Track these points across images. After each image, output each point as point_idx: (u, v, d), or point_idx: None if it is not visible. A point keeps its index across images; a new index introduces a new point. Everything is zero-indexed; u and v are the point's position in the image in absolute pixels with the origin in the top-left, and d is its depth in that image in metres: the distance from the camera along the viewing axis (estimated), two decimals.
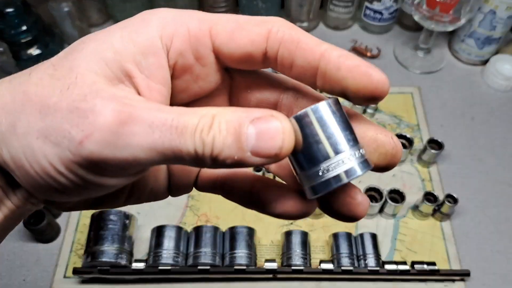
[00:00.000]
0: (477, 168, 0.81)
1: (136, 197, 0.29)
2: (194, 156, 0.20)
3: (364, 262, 0.66)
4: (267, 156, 0.20)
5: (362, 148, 0.23)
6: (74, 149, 0.20)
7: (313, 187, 0.23)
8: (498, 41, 0.91)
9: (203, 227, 0.66)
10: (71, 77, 0.21)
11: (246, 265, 0.64)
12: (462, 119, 0.87)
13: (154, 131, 0.20)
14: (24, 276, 0.68)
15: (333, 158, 0.22)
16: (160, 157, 0.20)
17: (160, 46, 0.23)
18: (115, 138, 0.19)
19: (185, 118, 0.20)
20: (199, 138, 0.20)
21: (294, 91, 0.26)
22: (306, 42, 0.23)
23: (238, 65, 0.25)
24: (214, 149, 0.20)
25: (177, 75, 0.24)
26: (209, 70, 0.25)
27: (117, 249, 0.63)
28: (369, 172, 0.23)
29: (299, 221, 0.73)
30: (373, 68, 0.22)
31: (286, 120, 0.21)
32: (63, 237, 0.71)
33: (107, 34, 0.22)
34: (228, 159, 0.20)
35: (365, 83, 0.22)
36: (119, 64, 0.22)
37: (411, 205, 0.75)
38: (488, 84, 0.92)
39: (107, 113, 0.20)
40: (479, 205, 0.76)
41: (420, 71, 0.94)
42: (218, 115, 0.20)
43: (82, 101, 0.20)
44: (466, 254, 0.71)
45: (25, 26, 0.83)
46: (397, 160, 0.24)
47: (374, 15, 0.96)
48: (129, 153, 0.20)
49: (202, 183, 0.30)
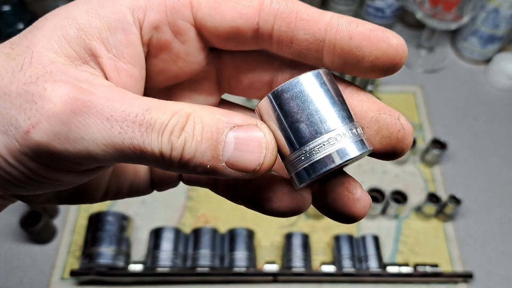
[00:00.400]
0: (481, 169, 0.79)
1: (114, 193, 0.26)
2: (159, 158, 0.18)
3: (366, 264, 0.65)
4: (243, 170, 0.18)
5: (359, 127, 0.20)
6: (21, 139, 0.17)
7: (299, 174, 0.19)
8: (501, 39, 0.89)
9: (202, 229, 0.65)
10: (27, 56, 0.18)
11: (246, 267, 0.63)
12: (465, 118, 0.86)
13: (113, 126, 0.17)
14: (20, 278, 0.67)
15: (319, 138, 0.19)
16: (118, 155, 0.18)
17: (131, 20, 0.20)
18: (66, 129, 0.17)
19: (153, 114, 0.18)
20: (167, 140, 0.17)
21: (290, 67, 0.23)
22: (306, 12, 0.20)
23: (224, 44, 0.22)
24: (184, 154, 0.18)
25: (153, 53, 0.21)
26: (190, 48, 0.22)
27: (115, 250, 0.62)
28: (370, 171, 0.21)
29: (300, 223, 0.72)
30: (389, 31, 0.20)
31: (270, 133, 0.19)
32: (60, 238, 0.70)
33: (71, 9, 0.20)
34: (199, 167, 0.18)
35: (385, 49, 0.19)
36: (83, 41, 0.19)
37: (414, 206, 0.74)
38: (491, 83, 0.91)
39: (57, 100, 0.17)
40: (483, 206, 0.75)
41: (422, 69, 0.93)
42: (194, 115, 0.18)
43: (33, 83, 0.18)
44: (469, 256, 0.70)
45: (22, 24, 0.83)
46: (405, 146, 0.20)
47: (376, 13, 0.95)
48: (82, 147, 0.17)
49: (187, 177, 0.27)
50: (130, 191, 0.26)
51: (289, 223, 0.72)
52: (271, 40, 0.21)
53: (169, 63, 0.22)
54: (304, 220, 0.73)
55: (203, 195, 0.74)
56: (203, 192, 0.75)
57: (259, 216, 0.72)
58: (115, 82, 0.20)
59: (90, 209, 0.72)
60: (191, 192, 0.75)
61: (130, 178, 0.26)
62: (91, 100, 0.18)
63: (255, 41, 0.21)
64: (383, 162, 0.78)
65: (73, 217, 0.72)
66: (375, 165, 0.78)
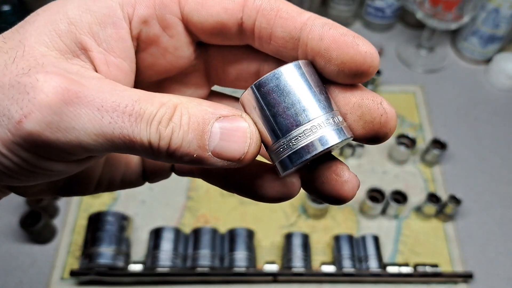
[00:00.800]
0: (481, 169, 0.79)
1: (107, 184, 0.27)
2: (147, 148, 0.19)
3: (366, 264, 0.65)
4: (229, 159, 0.19)
5: (340, 116, 0.21)
6: (13, 129, 0.18)
7: (282, 162, 0.20)
8: (501, 39, 0.89)
9: (201, 229, 0.65)
10: (19, 50, 0.19)
11: (246, 267, 0.63)
12: (465, 118, 0.86)
13: (103, 116, 0.18)
14: (20, 277, 0.67)
15: (300, 127, 0.20)
16: (109, 145, 0.19)
17: (120, 15, 0.21)
18: (58, 119, 0.18)
19: (142, 105, 0.18)
20: (155, 129, 0.18)
21: (275, 59, 0.24)
22: (286, 11, 0.21)
23: (210, 38, 0.23)
24: (171, 143, 0.18)
25: (143, 47, 0.22)
26: (178, 43, 0.23)
27: (115, 250, 0.62)
28: (370, 171, 0.21)
29: (300, 223, 0.72)
30: (361, 38, 0.20)
31: (253, 124, 0.20)
32: (60, 238, 0.70)
33: (62, 4, 0.21)
34: (186, 156, 0.19)
35: (351, 55, 0.20)
36: (74, 36, 0.20)
37: (414, 206, 0.74)
38: (492, 83, 0.91)
39: (49, 90, 0.18)
40: (483, 206, 0.75)
41: (422, 69, 0.93)
42: (180, 106, 0.19)
43: (25, 75, 0.18)
44: (469, 256, 0.70)
45: None
46: (388, 130, 0.21)
47: (376, 13, 0.95)
48: (73, 137, 0.18)
49: (179, 168, 0.27)
50: (122, 182, 0.27)
51: (289, 223, 0.72)
52: (253, 36, 0.22)
53: (158, 57, 0.23)
54: (304, 220, 0.72)
55: (203, 195, 0.74)
56: (203, 192, 0.75)
57: (259, 216, 0.72)
58: (105, 75, 0.21)
59: (90, 209, 0.72)
60: (191, 192, 0.75)
61: (122, 169, 0.27)
62: (82, 91, 0.18)
63: (239, 37, 0.22)
64: (383, 162, 0.78)
65: (73, 217, 0.72)
66: (375, 165, 0.78)
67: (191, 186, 0.75)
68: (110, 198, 0.74)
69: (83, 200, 0.74)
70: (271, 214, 0.73)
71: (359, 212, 0.73)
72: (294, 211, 0.73)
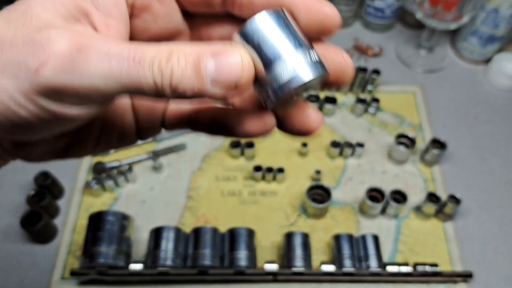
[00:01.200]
0: (481, 168, 0.80)
1: (105, 142, 0.29)
2: (153, 87, 0.21)
3: (365, 264, 0.65)
4: (227, 86, 0.21)
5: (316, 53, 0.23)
6: (31, 78, 0.20)
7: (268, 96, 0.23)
8: (501, 39, 0.90)
9: (202, 228, 0.65)
10: (27, 17, 0.21)
11: (246, 267, 0.63)
12: (465, 118, 0.86)
13: (111, 60, 0.20)
14: (20, 277, 0.67)
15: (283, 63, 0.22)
16: (119, 87, 0.21)
17: None
18: (71, 64, 0.20)
19: (142, 50, 0.21)
20: (157, 69, 0.20)
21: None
22: None
23: (196, 8, 0.26)
24: (173, 80, 0.21)
25: (136, 13, 0.25)
26: (168, 9, 0.25)
27: (115, 250, 0.62)
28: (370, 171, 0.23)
29: (300, 223, 0.72)
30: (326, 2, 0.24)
31: (245, 52, 0.22)
32: (60, 238, 0.70)
33: None
34: (188, 90, 0.21)
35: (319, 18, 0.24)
36: (75, 3, 0.22)
37: (414, 206, 0.74)
38: (491, 83, 0.91)
39: (62, 42, 0.20)
40: (483, 205, 0.75)
41: (422, 69, 0.93)
42: (176, 48, 0.21)
43: (37, 33, 0.20)
44: (469, 256, 0.70)
45: None
46: (347, 77, 0.25)
47: (376, 13, 0.95)
48: (87, 80, 0.20)
49: (169, 121, 0.30)
50: (118, 140, 0.30)
51: (289, 222, 0.72)
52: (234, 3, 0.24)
53: (150, 22, 0.25)
54: (304, 220, 0.73)
55: (203, 195, 0.75)
56: (203, 192, 0.75)
57: (259, 216, 0.72)
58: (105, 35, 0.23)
59: (91, 208, 0.72)
60: (191, 192, 0.75)
61: (118, 126, 0.29)
62: (91, 41, 0.21)
63: (222, 5, 0.25)
64: (383, 162, 0.79)
65: (73, 216, 0.72)
66: (374, 165, 0.79)
67: (191, 186, 0.76)
68: (110, 198, 0.74)
69: (83, 200, 0.74)
70: (271, 214, 0.73)
71: (359, 211, 0.74)
72: (294, 211, 0.74)
